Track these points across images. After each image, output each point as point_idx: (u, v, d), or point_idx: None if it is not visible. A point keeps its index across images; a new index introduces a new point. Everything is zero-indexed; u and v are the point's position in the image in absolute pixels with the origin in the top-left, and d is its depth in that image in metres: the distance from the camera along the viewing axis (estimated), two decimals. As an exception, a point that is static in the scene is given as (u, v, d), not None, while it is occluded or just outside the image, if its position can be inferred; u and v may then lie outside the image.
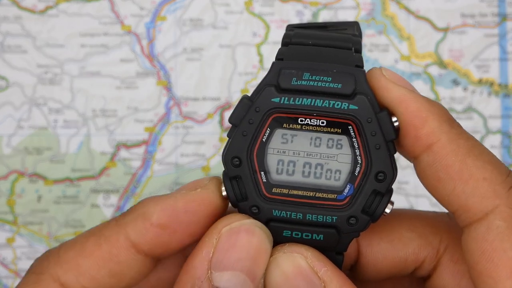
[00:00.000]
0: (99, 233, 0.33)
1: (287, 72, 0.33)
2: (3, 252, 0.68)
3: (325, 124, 0.33)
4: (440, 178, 0.31)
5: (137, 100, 0.69)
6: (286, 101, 0.33)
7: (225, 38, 0.70)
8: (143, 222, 0.32)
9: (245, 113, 0.33)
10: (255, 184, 0.33)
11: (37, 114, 0.69)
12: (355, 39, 0.35)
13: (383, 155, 0.32)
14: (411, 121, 0.32)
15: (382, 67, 0.34)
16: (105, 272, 0.32)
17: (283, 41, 0.35)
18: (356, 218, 0.33)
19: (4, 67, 0.69)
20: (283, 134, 0.33)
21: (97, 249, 0.32)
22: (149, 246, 0.33)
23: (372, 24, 0.70)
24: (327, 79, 0.33)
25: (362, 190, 0.33)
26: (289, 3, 0.70)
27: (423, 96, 0.33)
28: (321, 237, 0.33)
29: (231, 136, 0.33)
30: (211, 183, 0.34)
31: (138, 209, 0.33)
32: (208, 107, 0.69)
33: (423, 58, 0.70)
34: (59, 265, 0.32)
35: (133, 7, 0.70)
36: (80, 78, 0.69)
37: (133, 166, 0.69)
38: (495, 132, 0.69)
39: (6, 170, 0.68)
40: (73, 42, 0.69)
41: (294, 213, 0.33)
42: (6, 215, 0.68)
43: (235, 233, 0.32)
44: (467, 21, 0.70)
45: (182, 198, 0.33)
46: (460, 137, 0.31)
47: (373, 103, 0.32)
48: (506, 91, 0.69)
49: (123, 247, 0.32)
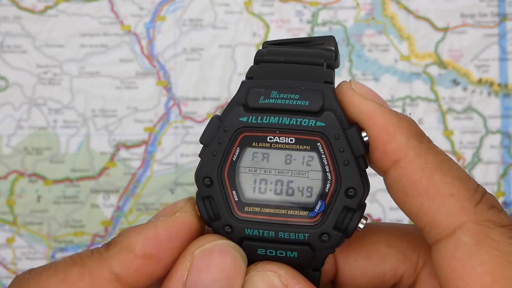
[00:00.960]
0: (83, 264, 0.33)
1: (255, 91, 0.33)
2: (2, 252, 0.68)
3: (294, 141, 0.33)
4: (407, 194, 0.31)
5: (137, 100, 0.69)
6: (254, 120, 0.33)
7: (225, 38, 0.70)
8: (127, 255, 0.32)
9: (215, 133, 0.33)
10: (227, 203, 0.33)
11: (36, 114, 0.69)
12: (328, 54, 0.34)
13: (352, 171, 0.32)
14: (379, 136, 0.32)
15: (352, 81, 0.34)
16: None
17: (255, 59, 0.35)
18: (328, 235, 0.32)
19: (4, 67, 0.69)
20: (254, 152, 0.33)
21: (80, 280, 0.32)
22: (134, 278, 0.32)
23: (372, 24, 0.70)
24: (294, 97, 0.33)
25: (333, 206, 0.32)
26: (289, 3, 0.70)
27: (393, 110, 0.32)
28: (295, 254, 0.33)
29: (202, 156, 0.33)
30: (187, 205, 0.34)
31: (121, 242, 0.33)
32: (208, 107, 0.69)
33: (423, 58, 0.70)
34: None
35: (133, 7, 0.70)
36: (79, 78, 0.69)
37: (133, 166, 0.69)
38: (495, 132, 0.69)
39: (5, 170, 0.68)
40: (73, 42, 0.69)
41: (267, 231, 0.33)
42: (6, 215, 0.68)
43: (208, 254, 0.31)
44: (467, 21, 0.70)
45: (163, 225, 0.33)
46: (428, 152, 0.31)
47: (341, 119, 0.32)
48: (506, 91, 0.69)
49: (107, 281, 0.32)
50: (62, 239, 0.68)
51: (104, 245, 0.34)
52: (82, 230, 0.68)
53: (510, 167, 0.69)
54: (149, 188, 0.69)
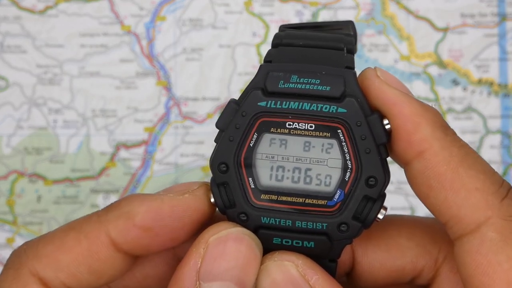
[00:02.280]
0: (79, 228, 0.32)
1: (275, 75, 0.32)
2: (3, 252, 0.68)
3: (314, 128, 0.32)
4: (431, 187, 0.30)
5: (136, 100, 0.69)
6: (273, 104, 0.32)
7: (225, 38, 0.70)
8: (126, 222, 0.32)
9: (232, 117, 0.32)
10: (243, 190, 0.32)
11: (36, 114, 0.69)
12: (348, 39, 0.33)
13: (373, 159, 0.31)
14: (403, 125, 0.31)
15: (377, 68, 0.33)
16: (84, 268, 0.32)
17: (273, 42, 0.34)
18: (347, 225, 0.32)
19: (4, 67, 0.69)
20: (271, 138, 0.32)
21: (77, 245, 0.32)
22: (130, 246, 0.32)
23: (371, 24, 0.70)
24: (315, 82, 0.32)
25: (352, 195, 0.32)
26: (288, 3, 0.70)
27: (418, 100, 0.32)
28: (312, 244, 0.32)
29: (218, 141, 0.32)
30: (199, 189, 0.33)
31: (122, 207, 0.32)
32: (208, 107, 0.69)
33: (422, 58, 0.70)
34: (37, 260, 0.32)
35: (133, 7, 0.70)
36: (79, 78, 0.69)
37: (133, 166, 0.69)
38: (495, 132, 0.69)
39: (5, 170, 0.68)
40: (73, 42, 0.69)
41: (283, 220, 0.32)
42: (6, 215, 0.68)
43: (223, 242, 0.31)
44: (467, 21, 0.70)
45: (169, 202, 0.32)
46: (453, 144, 0.31)
47: (363, 106, 0.32)
48: (505, 91, 0.69)
49: (103, 244, 0.32)
50: (62, 239, 0.68)
51: (104, 208, 0.33)
52: (82, 230, 0.68)
53: (510, 167, 0.69)
54: (149, 188, 0.69)
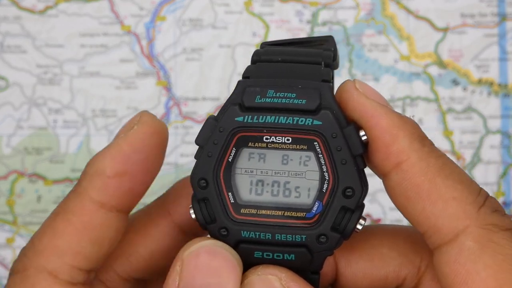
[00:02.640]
0: (63, 209, 0.33)
1: (251, 90, 0.32)
2: (3, 252, 0.68)
3: (291, 141, 0.32)
4: (409, 198, 0.30)
5: (136, 100, 0.69)
6: (250, 119, 0.32)
7: (225, 38, 0.70)
8: (101, 179, 0.32)
9: (211, 133, 0.32)
10: (223, 205, 0.32)
11: (36, 114, 0.69)
12: (326, 53, 0.34)
13: (350, 170, 0.31)
14: (381, 137, 0.31)
15: (356, 80, 0.33)
16: (85, 242, 0.32)
17: (252, 59, 0.34)
18: (326, 236, 0.32)
19: (4, 67, 0.69)
20: (250, 153, 0.32)
21: (68, 224, 0.32)
22: (117, 199, 0.32)
23: (371, 24, 0.70)
24: (291, 95, 0.32)
25: (330, 207, 0.32)
26: (288, 3, 0.70)
27: (396, 112, 0.32)
28: (292, 256, 0.32)
29: (197, 157, 0.32)
30: (143, 117, 0.33)
31: (90, 170, 0.33)
32: (208, 107, 0.69)
33: (422, 58, 0.70)
34: (39, 255, 0.32)
35: (133, 7, 0.70)
36: (79, 78, 0.69)
37: (133, 166, 0.69)
38: (495, 132, 0.69)
39: (5, 170, 0.68)
40: (73, 42, 0.69)
41: (263, 234, 0.32)
42: (6, 215, 0.68)
43: (195, 256, 0.31)
44: (467, 21, 0.70)
45: (124, 142, 0.33)
46: (430, 155, 0.31)
47: (338, 118, 0.32)
48: (505, 91, 0.70)
49: (92, 211, 0.32)
50: (62, 239, 0.68)
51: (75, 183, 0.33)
52: (82, 230, 0.68)
53: (510, 167, 0.69)
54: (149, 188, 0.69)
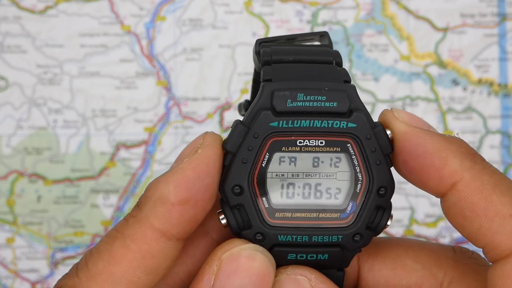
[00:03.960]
0: (122, 235, 0.32)
1: (281, 94, 0.32)
2: (2, 252, 0.68)
3: (324, 144, 0.32)
4: (466, 216, 0.31)
5: (136, 100, 0.69)
6: (285, 124, 0.32)
7: (225, 38, 0.70)
8: (164, 207, 0.31)
9: (242, 139, 0.32)
10: (258, 211, 0.32)
11: (36, 114, 0.69)
12: (334, 51, 0.34)
13: (383, 170, 0.32)
14: (431, 162, 0.31)
15: (393, 109, 0.33)
16: (141, 272, 0.31)
17: (263, 59, 0.34)
18: (360, 235, 0.32)
19: (4, 67, 0.69)
20: (281, 157, 0.33)
21: (127, 252, 0.31)
22: (178, 228, 0.32)
23: (371, 24, 0.70)
24: (321, 98, 0.32)
25: (365, 206, 0.32)
26: (288, 3, 0.70)
27: (440, 134, 0.32)
28: (326, 256, 0.32)
29: (228, 164, 0.32)
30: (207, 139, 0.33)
31: (152, 196, 0.32)
32: (207, 107, 0.69)
33: (422, 58, 0.70)
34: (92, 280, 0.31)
35: (133, 7, 0.70)
36: (79, 78, 0.69)
37: (133, 166, 0.69)
38: (495, 132, 0.69)
39: (6, 170, 0.68)
40: (73, 42, 0.69)
41: (300, 236, 0.32)
42: (6, 215, 0.68)
43: (235, 258, 0.31)
44: (467, 21, 0.70)
45: (189, 166, 0.32)
46: (483, 172, 0.31)
47: (369, 119, 0.32)
48: (505, 91, 0.70)
49: (153, 240, 0.31)
50: (62, 239, 0.68)
51: (134, 207, 0.33)
52: (82, 230, 0.68)
53: (510, 167, 0.69)
54: (149, 188, 0.69)
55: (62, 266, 0.68)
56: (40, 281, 0.68)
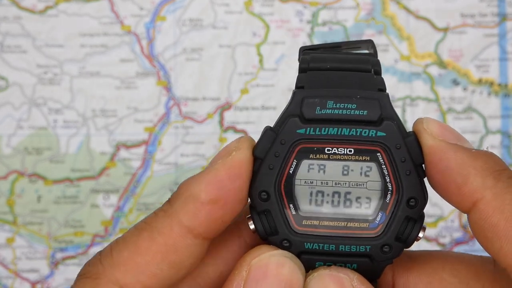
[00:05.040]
0: (150, 227, 0.32)
1: (310, 101, 0.32)
2: (3, 252, 0.68)
3: (353, 152, 0.32)
4: (487, 237, 0.30)
5: (137, 100, 0.69)
6: (312, 131, 0.32)
7: (225, 38, 0.70)
8: (194, 204, 0.31)
9: (270, 145, 0.32)
10: (285, 217, 0.32)
11: (36, 114, 0.69)
12: (373, 60, 0.34)
13: (414, 180, 0.32)
14: (453, 179, 0.30)
15: (424, 119, 0.33)
16: (165, 265, 0.32)
17: (300, 66, 0.34)
18: (389, 246, 0.32)
19: (4, 67, 0.69)
20: (309, 164, 0.32)
21: (153, 244, 0.32)
22: (205, 227, 0.32)
23: (372, 24, 0.70)
24: (351, 106, 0.32)
25: (394, 217, 0.32)
26: (288, 3, 0.70)
27: (466, 149, 0.31)
28: (354, 266, 0.32)
29: (257, 169, 0.32)
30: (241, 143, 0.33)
31: (184, 193, 0.32)
32: (208, 107, 0.69)
33: (422, 58, 0.70)
34: (116, 268, 0.32)
35: (133, 7, 0.70)
36: (79, 78, 0.69)
37: (133, 166, 0.69)
38: (495, 132, 0.69)
39: (6, 170, 0.68)
40: (73, 42, 0.69)
41: (327, 245, 0.32)
42: (6, 215, 0.68)
43: (265, 264, 0.31)
44: (467, 21, 0.70)
45: (222, 167, 0.32)
46: (506, 191, 0.30)
47: (400, 128, 0.32)
48: (505, 91, 0.69)
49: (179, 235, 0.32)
50: (62, 239, 0.68)
51: (165, 202, 0.33)
52: (82, 230, 0.68)
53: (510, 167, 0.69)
54: (149, 188, 0.69)
55: (62, 266, 0.68)
56: (40, 281, 0.68)
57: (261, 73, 0.70)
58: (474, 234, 0.31)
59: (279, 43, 0.70)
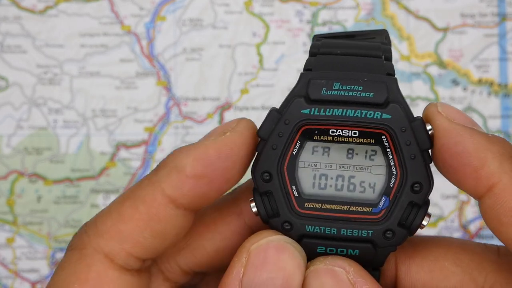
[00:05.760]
0: (133, 195, 0.32)
1: (317, 83, 0.32)
2: (3, 252, 0.68)
3: (358, 134, 0.32)
4: (501, 222, 0.29)
5: (137, 100, 0.69)
6: (317, 112, 0.31)
7: (225, 38, 0.70)
8: (178, 176, 0.31)
9: (274, 126, 0.32)
10: (287, 199, 0.32)
11: (36, 114, 0.69)
12: (385, 47, 0.33)
13: (418, 165, 0.31)
14: (469, 162, 0.30)
15: (439, 103, 0.32)
16: (148, 233, 0.31)
17: (310, 51, 0.34)
18: (392, 232, 0.31)
19: (4, 67, 0.69)
20: (314, 146, 0.32)
21: (135, 212, 0.31)
22: (188, 199, 0.31)
23: (372, 24, 0.70)
24: (358, 88, 0.31)
25: (398, 202, 0.31)
26: (288, 3, 0.70)
27: (483, 133, 0.31)
28: (356, 252, 0.32)
29: (260, 150, 0.32)
30: (239, 125, 0.32)
31: (170, 163, 0.32)
32: (208, 107, 0.69)
33: (422, 58, 0.70)
34: (99, 236, 0.31)
35: (133, 7, 0.70)
36: (79, 78, 0.69)
37: (133, 166, 0.69)
38: (495, 132, 0.69)
39: (6, 170, 0.68)
40: (73, 42, 0.69)
41: (328, 228, 0.32)
42: (6, 215, 0.68)
43: (263, 250, 0.30)
44: (467, 21, 0.70)
45: (213, 145, 0.31)
46: None
47: (407, 112, 0.31)
48: (505, 91, 0.70)
49: (161, 205, 0.31)
50: (62, 239, 0.68)
51: (153, 170, 0.33)
52: (82, 230, 0.68)
53: (510, 167, 0.69)
54: (149, 188, 0.69)
55: (62, 266, 0.68)
56: (40, 281, 0.68)
57: (261, 73, 0.70)
58: (486, 220, 0.30)
59: (279, 43, 0.70)
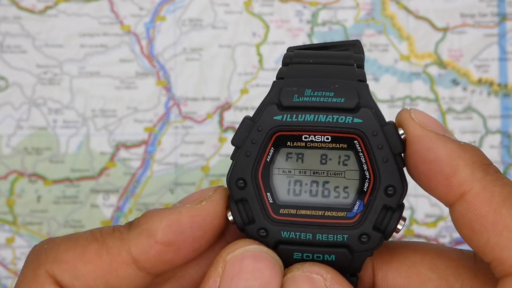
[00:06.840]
0: (102, 240, 0.32)
1: (289, 90, 0.32)
2: (2, 252, 0.68)
3: (330, 140, 0.32)
4: (473, 229, 0.30)
5: (136, 100, 0.69)
6: (289, 118, 0.32)
7: (225, 38, 0.70)
8: (147, 239, 0.31)
9: (248, 133, 0.32)
10: (262, 205, 0.32)
11: (36, 114, 0.69)
12: (356, 55, 0.34)
13: (391, 168, 0.31)
14: (441, 169, 0.30)
15: (412, 109, 0.32)
16: (102, 283, 0.31)
17: (283, 61, 0.34)
18: (368, 236, 0.32)
19: (4, 67, 0.69)
20: (288, 152, 0.32)
21: (98, 258, 0.31)
22: (152, 264, 0.32)
23: (371, 24, 0.70)
24: (329, 94, 0.32)
25: (372, 206, 0.32)
26: (288, 3, 0.70)
27: (455, 141, 0.31)
28: (332, 257, 0.32)
29: (234, 158, 0.32)
30: (215, 194, 0.33)
31: (143, 224, 0.32)
32: (207, 107, 0.69)
33: (422, 58, 0.70)
34: (56, 264, 0.32)
35: (133, 7, 0.70)
36: (79, 78, 0.69)
37: (133, 166, 0.69)
38: (495, 132, 0.69)
39: (5, 170, 0.68)
40: (73, 42, 0.69)
41: (304, 234, 0.32)
42: (6, 215, 0.68)
43: (239, 260, 0.30)
44: (467, 21, 0.70)
45: (187, 213, 0.32)
46: (495, 184, 0.30)
47: (378, 116, 0.32)
48: (505, 91, 0.69)
49: (124, 262, 0.31)
50: (62, 239, 0.68)
51: (126, 224, 0.33)
52: (82, 230, 0.68)
53: (510, 167, 0.69)
54: (149, 188, 0.69)
55: (62, 266, 0.68)
56: (40, 281, 0.68)
57: (261, 73, 0.70)
58: (459, 227, 0.31)
59: (279, 43, 0.70)
